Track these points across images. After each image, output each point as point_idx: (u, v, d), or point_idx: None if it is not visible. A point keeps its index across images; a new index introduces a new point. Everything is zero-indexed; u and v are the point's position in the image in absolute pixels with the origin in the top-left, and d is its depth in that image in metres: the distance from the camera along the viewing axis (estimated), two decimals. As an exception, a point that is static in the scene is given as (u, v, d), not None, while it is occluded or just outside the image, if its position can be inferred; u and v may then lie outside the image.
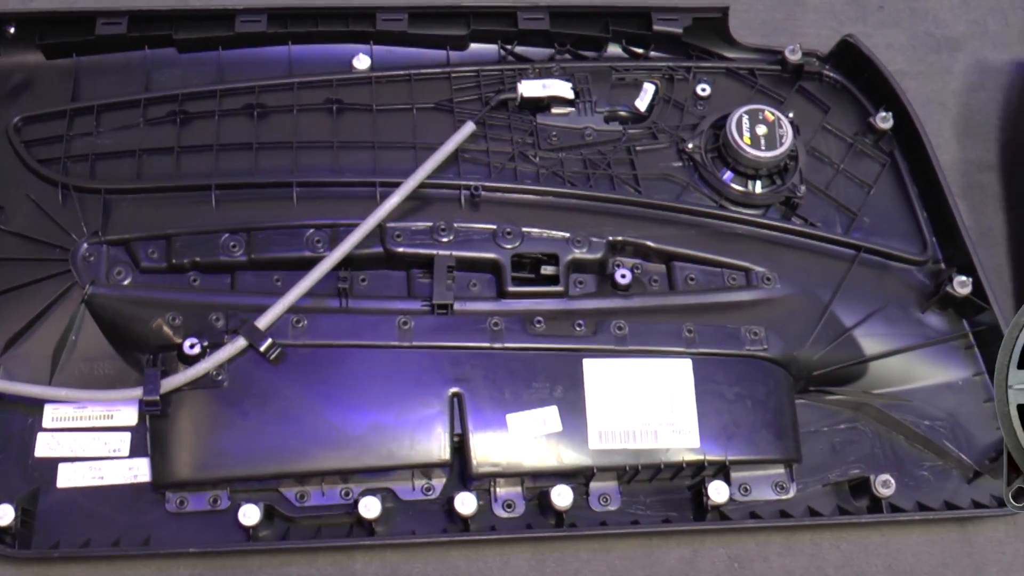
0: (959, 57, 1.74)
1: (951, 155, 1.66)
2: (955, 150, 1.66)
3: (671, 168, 1.51)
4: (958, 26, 1.77)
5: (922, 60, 1.73)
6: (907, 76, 1.72)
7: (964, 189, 1.64)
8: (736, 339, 1.41)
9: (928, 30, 1.76)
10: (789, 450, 1.39)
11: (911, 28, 1.76)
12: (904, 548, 1.40)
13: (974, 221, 1.61)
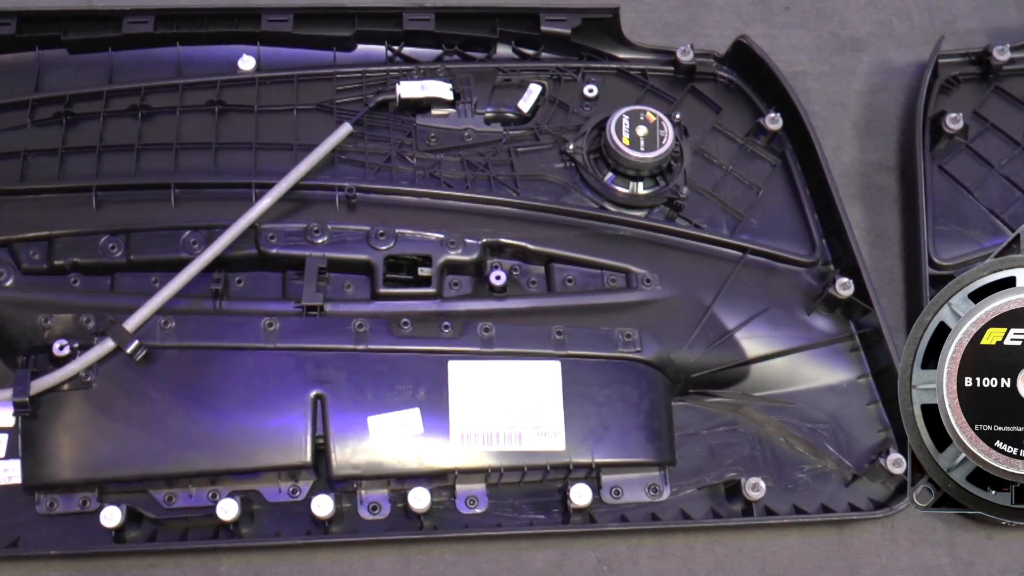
0: (863, 58, 1.74)
1: (851, 156, 1.66)
2: (855, 151, 1.66)
3: (552, 169, 1.51)
4: (864, 27, 1.77)
5: (826, 61, 1.73)
6: (810, 77, 1.72)
7: (862, 190, 1.63)
8: (608, 341, 1.41)
9: (833, 31, 1.76)
10: (662, 453, 1.39)
11: (817, 29, 1.76)
12: (779, 551, 1.40)
13: (870, 223, 1.60)
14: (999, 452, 1.02)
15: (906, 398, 1.01)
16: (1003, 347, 1.02)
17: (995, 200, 1.57)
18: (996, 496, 1.03)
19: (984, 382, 1.02)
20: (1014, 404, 1.01)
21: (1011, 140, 1.61)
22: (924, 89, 1.60)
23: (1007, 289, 1.04)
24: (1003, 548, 1.42)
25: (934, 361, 1.03)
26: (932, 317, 1.04)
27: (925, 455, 1.03)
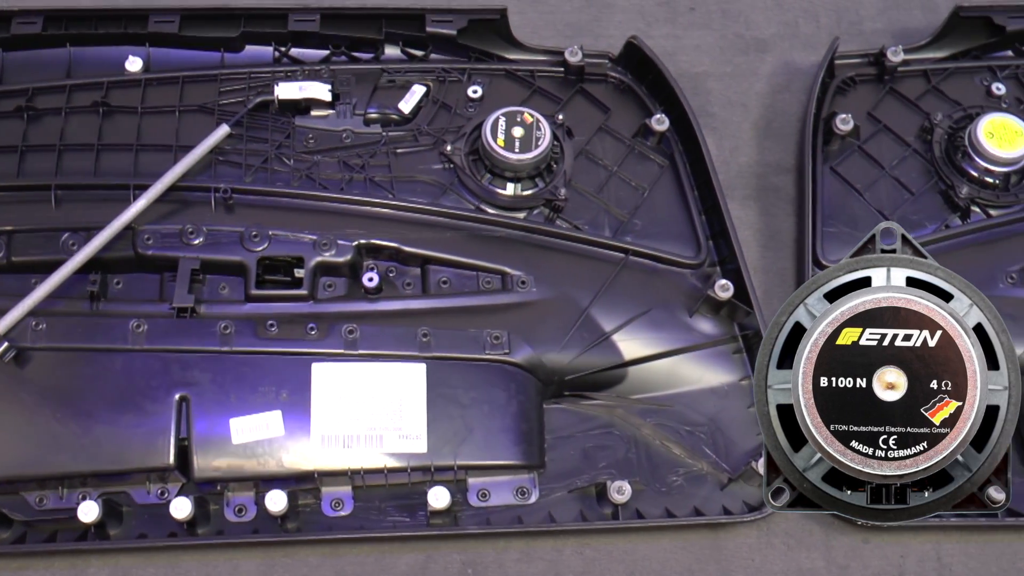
0: (767, 59, 1.74)
1: (748, 157, 1.66)
2: (753, 152, 1.67)
3: (430, 171, 1.53)
4: (769, 28, 1.77)
5: (729, 62, 1.74)
6: (711, 77, 1.73)
7: (758, 191, 1.64)
8: (476, 343, 1.42)
9: (738, 32, 1.77)
10: (530, 455, 1.40)
11: (721, 30, 1.77)
12: (650, 555, 1.40)
13: (764, 224, 1.61)
14: (854, 452, 1.02)
15: (761, 398, 1.02)
16: (858, 347, 1.03)
17: (885, 201, 1.57)
18: (851, 496, 1.04)
19: (840, 382, 1.03)
20: (869, 404, 1.02)
21: (903, 141, 1.61)
22: (816, 90, 1.60)
23: (863, 289, 1.04)
24: (878, 551, 1.43)
25: (790, 361, 1.03)
26: (787, 317, 1.05)
27: (780, 455, 1.03)
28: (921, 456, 1.04)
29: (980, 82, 1.67)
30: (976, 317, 1.06)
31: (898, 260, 1.06)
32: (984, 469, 1.06)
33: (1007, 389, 1.05)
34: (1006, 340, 1.05)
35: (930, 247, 1.50)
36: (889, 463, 1.03)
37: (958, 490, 1.06)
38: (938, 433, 1.03)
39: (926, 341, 1.04)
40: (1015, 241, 1.55)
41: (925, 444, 1.04)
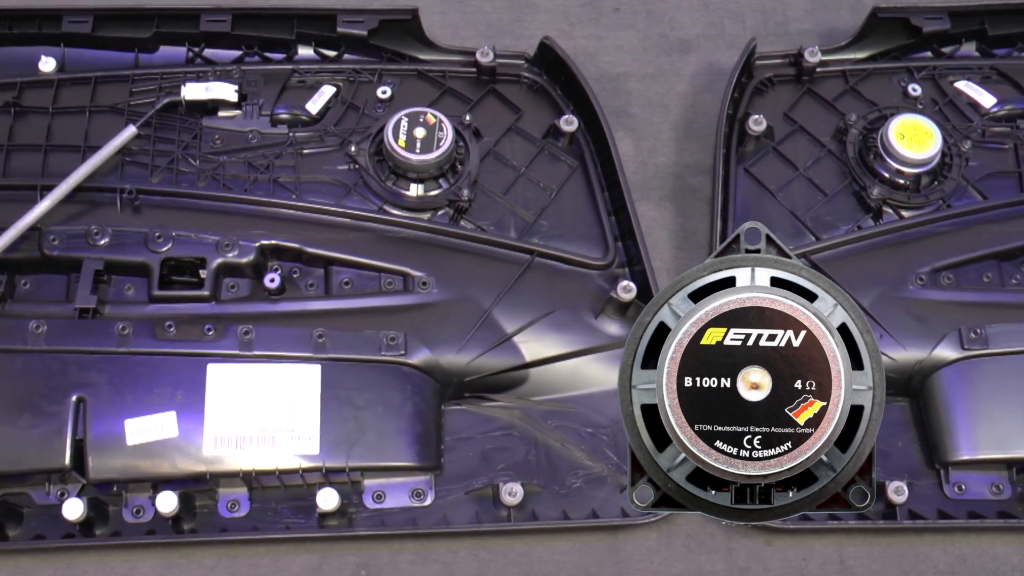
0: (690, 59, 1.75)
1: (667, 158, 1.67)
2: (671, 153, 1.68)
3: (336, 172, 1.54)
4: (694, 28, 1.78)
5: (651, 62, 1.75)
6: (632, 78, 1.74)
7: (675, 192, 1.65)
8: (372, 344, 1.43)
9: (662, 32, 1.78)
10: (425, 457, 1.42)
11: (645, 30, 1.78)
12: (546, 557, 1.41)
13: (680, 224, 1.62)
14: (719, 452, 1.03)
15: (626, 398, 1.02)
16: (723, 347, 1.03)
17: (798, 202, 1.58)
18: (716, 496, 1.04)
19: (704, 382, 1.03)
20: (734, 404, 1.02)
21: (818, 142, 1.61)
22: (729, 91, 1.61)
23: (727, 289, 1.05)
24: (780, 553, 1.43)
25: (654, 361, 1.03)
26: (652, 317, 1.05)
27: (645, 455, 1.04)
28: (785, 456, 1.04)
29: (898, 83, 1.67)
30: (841, 317, 1.06)
31: (762, 260, 1.07)
32: (848, 469, 1.06)
33: (871, 389, 1.05)
34: (870, 340, 1.06)
35: (842, 248, 1.52)
36: (753, 463, 1.04)
37: (823, 490, 1.06)
38: (802, 433, 1.04)
39: (790, 341, 1.05)
40: (926, 243, 1.56)
41: (789, 444, 1.04)
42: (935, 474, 1.48)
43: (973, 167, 1.60)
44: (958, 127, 1.62)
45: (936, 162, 1.56)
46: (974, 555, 1.45)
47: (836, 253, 1.55)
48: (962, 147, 1.60)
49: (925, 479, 1.49)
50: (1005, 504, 1.47)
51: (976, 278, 1.56)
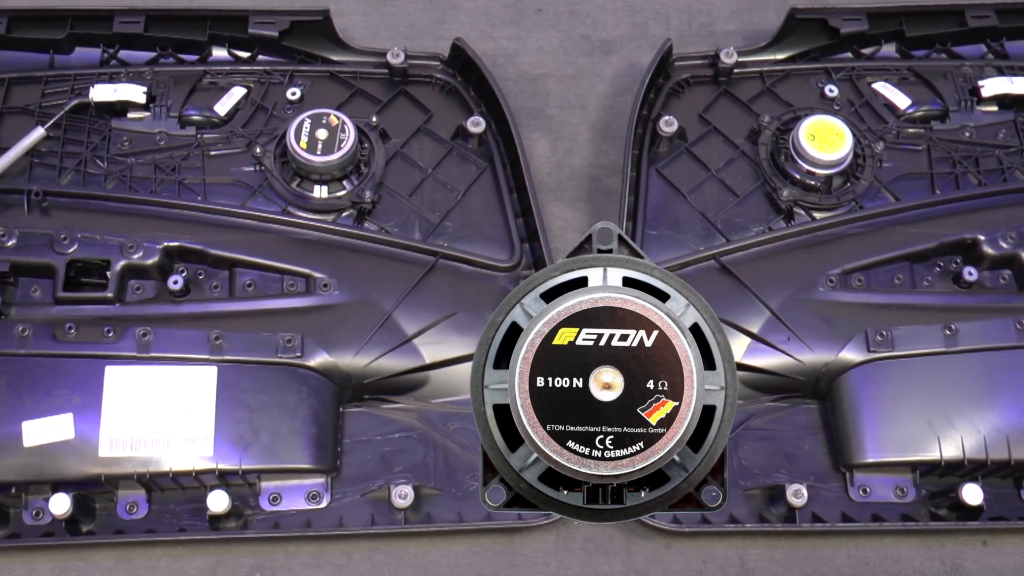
0: (611, 60, 1.75)
1: (583, 159, 1.68)
2: (588, 154, 1.68)
3: (242, 173, 1.55)
4: (618, 29, 1.78)
5: (572, 63, 1.75)
6: (552, 79, 1.74)
7: (590, 193, 1.65)
8: (268, 346, 1.44)
9: (585, 33, 1.78)
10: (321, 459, 1.42)
11: (568, 31, 1.78)
12: (442, 560, 1.42)
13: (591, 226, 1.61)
14: (571, 452, 1.03)
15: (478, 398, 1.02)
16: (575, 347, 1.04)
17: (710, 203, 1.58)
18: (568, 496, 1.05)
19: (556, 382, 1.04)
20: (585, 404, 1.02)
21: (731, 143, 1.61)
22: (641, 92, 1.61)
23: (579, 289, 1.05)
24: (680, 556, 1.44)
25: (507, 361, 1.04)
26: (504, 317, 1.06)
27: (497, 455, 1.04)
28: (637, 456, 1.04)
29: (816, 84, 1.67)
30: (693, 317, 1.06)
31: (614, 260, 1.07)
32: (701, 469, 1.06)
33: (723, 389, 1.05)
34: (722, 340, 1.06)
35: (752, 250, 1.52)
36: (605, 463, 1.04)
37: (675, 490, 1.07)
38: (654, 433, 1.04)
39: (642, 341, 1.05)
40: (838, 244, 1.56)
41: (641, 444, 1.04)
42: (841, 477, 1.48)
43: (887, 168, 1.60)
44: (873, 128, 1.62)
45: (847, 163, 1.56)
46: (877, 558, 1.45)
47: (746, 255, 1.55)
48: (875, 148, 1.60)
49: (831, 482, 1.48)
50: (909, 507, 1.47)
51: (888, 280, 1.56)
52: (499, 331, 1.05)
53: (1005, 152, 1.63)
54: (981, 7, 1.71)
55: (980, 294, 1.55)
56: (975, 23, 1.71)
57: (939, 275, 1.57)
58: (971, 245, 1.57)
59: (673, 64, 1.69)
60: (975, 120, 1.65)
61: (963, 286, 1.56)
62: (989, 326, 1.51)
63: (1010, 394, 1.47)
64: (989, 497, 1.49)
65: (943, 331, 1.50)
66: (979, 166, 1.61)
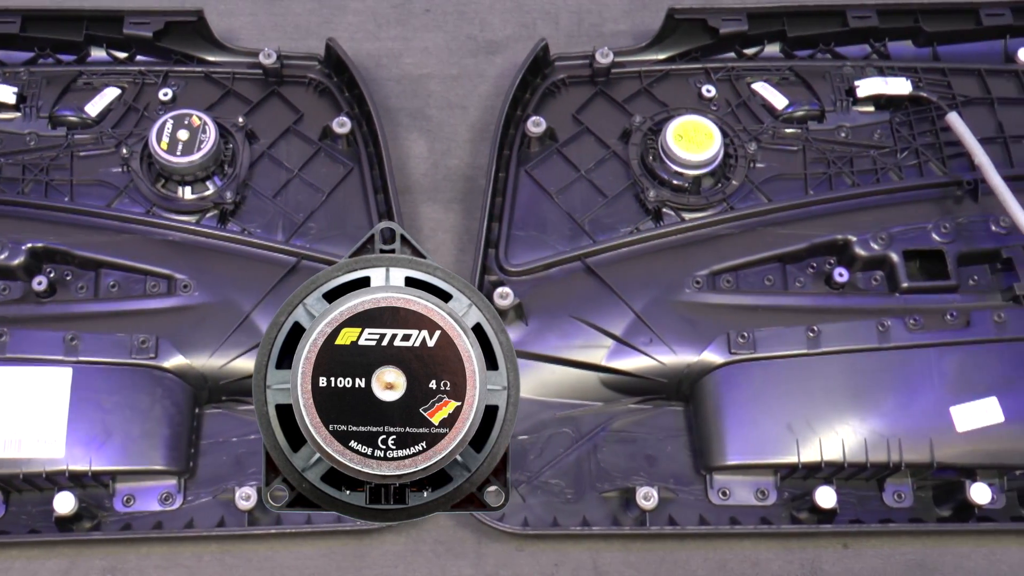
0: (496, 61, 1.75)
1: (460, 160, 1.67)
2: (465, 155, 1.68)
3: (110, 174, 1.55)
4: (505, 30, 1.78)
5: (456, 64, 1.75)
6: (434, 79, 1.74)
7: (465, 194, 1.65)
8: (122, 347, 1.44)
9: (471, 34, 1.78)
10: (174, 460, 1.43)
11: (454, 32, 1.78)
12: (290, 562, 1.43)
13: (466, 227, 1.62)
14: (353, 452, 1.03)
15: (260, 398, 1.03)
16: (358, 347, 1.04)
17: (579, 204, 1.58)
18: (351, 496, 1.05)
19: (339, 382, 1.04)
20: (368, 404, 1.02)
21: (603, 144, 1.61)
22: (511, 92, 1.61)
23: (362, 289, 1.05)
24: (532, 559, 1.43)
25: (290, 361, 1.04)
26: (286, 317, 1.06)
27: (280, 455, 1.04)
28: (420, 456, 1.05)
29: (694, 84, 1.66)
30: (475, 317, 1.06)
31: (397, 260, 1.07)
32: (483, 469, 1.07)
33: (506, 389, 1.06)
34: (505, 340, 1.06)
35: (621, 251, 1.51)
36: (388, 463, 1.04)
37: (457, 490, 1.07)
38: (437, 433, 1.04)
39: (425, 341, 1.05)
40: (707, 245, 1.55)
41: (424, 444, 1.05)
42: (702, 480, 1.47)
43: (760, 169, 1.59)
44: (748, 129, 1.61)
45: (717, 164, 1.55)
46: (735, 560, 1.45)
47: (613, 256, 1.55)
48: (748, 149, 1.59)
49: (692, 485, 1.48)
50: (769, 510, 1.46)
51: (758, 281, 1.55)
52: (281, 331, 1.06)
53: (880, 153, 1.61)
54: (862, 8, 1.70)
55: (851, 295, 1.54)
56: (856, 23, 1.70)
57: (812, 276, 1.56)
58: (843, 246, 1.56)
59: (554, 64, 1.68)
60: (851, 120, 1.64)
61: (834, 287, 1.55)
62: (852, 328, 1.50)
63: (870, 396, 1.46)
64: (852, 500, 1.48)
65: (806, 333, 1.49)
66: (853, 167, 1.60)
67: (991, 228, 1.57)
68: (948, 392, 1.47)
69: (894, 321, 1.49)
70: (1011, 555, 1.47)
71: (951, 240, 1.55)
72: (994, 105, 1.65)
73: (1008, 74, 1.70)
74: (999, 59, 1.74)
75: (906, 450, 1.45)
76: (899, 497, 1.48)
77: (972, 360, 1.49)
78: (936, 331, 1.50)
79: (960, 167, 1.59)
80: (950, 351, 1.50)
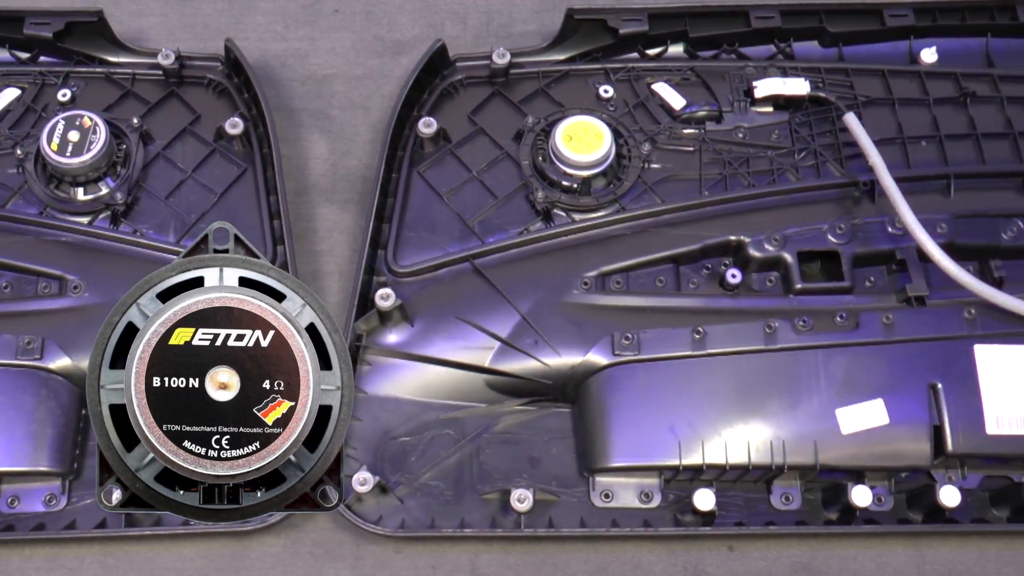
0: (402, 61, 1.75)
1: (359, 160, 1.67)
2: (364, 155, 1.68)
3: (6, 175, 1.56)
4: (413, 30, 1.78)
5: (362, 64, 1.75)
6: (339, 80, 1.74)
7: (362, 195, 1.65)
8: (8, 349, 1.45)
9: (379, 34, 1.78)
10: (59, 462, 1.43)
11: (362, 32, 1.78)
12: (170, 564, 1.43)
13: (361, 227, 1.62)
14: (187, 452, 1.04)
15: (94, 398, 1.03)
16: (191, 347, 1.04)
17: (470, 205, 1.57)
18: (184, 496, 1.06)
19: (173, 382, 1.04)
20: (202, 404, 1.03)
21: (497, 145, 1.61)
22: (404, 92, 1.61)
23: (196, 289, 1.06)
24: (409, 561, 1.44)
25: (124, 361, 1.05)
26: (120, 317, 1.07)
27: (113, 455, 1.05)
28: (254, 456, 1.05)
29: (593, 85, 1.66)
30: (309, 317, 1.07)
31: (230, 260, 1.08)
32: (317, 469, 1.07)
33: (339, 389, 1.06)
34: (338, 340, 1.06)
35: (510, 252, 1.51)
36: (222, 463, 1.05)
37: (291, 490, 1.07)
38: (271, 433, 1.05)
39: (259, 341, 1.06)
40: (597, 246, 1.54)
41: (258, 444, 1.05)
42: (585, 482, 1.47)
43: (655, 170, 1.59)
44: (644, 129, 1.61)
45: (607, 165, 1.54)
46: (616, 563, 1.45)
47: (502, 257, 1.55)
48: (642, 149, 1.58)
49: (575, 487, 1.47)
50: (654, 512, 1.46)
51: (650, 282, 1.55)
52: (115, 331, 1.06)
53: (777, 153, 1.60)
54: (766, 8, 1.69)
55: (743, 297, 1.53)
56: (759, 24, 1.69)
57: (706, 278, 1.56)
58: (736, 247, 1.55)
59: (455, 65, 1.68)
60: (750, 121, 1.63)
61: (727, 289, 1.54)
62: (737, 329, 1.49)
63: (756, 398, 1.46)
64: (739, 502, 1.48)
65: (692, 334, 1.48)
66: (750, 167, 1.59)
67: (887, 229, 1.55)
68: (835, 394, 1.46)
69: (781, 323, 1.48)
70: (897, 557, 1.46)
71: (846, 241, 1.54)
72: (895, 106, 1.63)
73: (911, 75, 1.68)
74: (905, 60, 1.72)
75: (790, 452, 1.44)
76: (787, 499, 1.47)
77: (859, 362, 1.48)
78: (825, 333, 1.49)
79: (858, 168, 1.58)
80: (838, 353, 1.48)
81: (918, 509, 1.47)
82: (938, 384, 1.46)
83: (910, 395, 1.46)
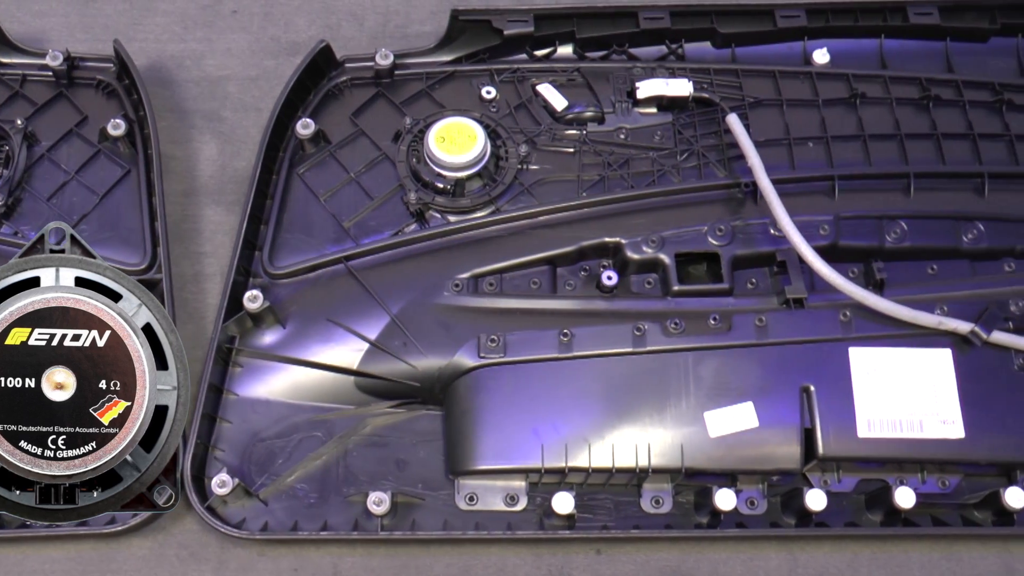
0: (296, 62, 1.74)
1: (248, 162, 1.67)
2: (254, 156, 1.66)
3: (-91, 182, 1.56)
4: (310, 31, 1.77)
5: (256, 65, 1.75)
6: (232, 81, 1.74)
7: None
8: None
9: (275, 35, 1.77)
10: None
11: (259, 33, 1.77)
12: (37, 567, 1.42)
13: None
14: (23, 452, 1.05)
15: None
16: (28, 347, 1.05)
17: (346, 207, 1.57)
18: (20, 496, 1.06)
19: (8, 382, 1.05)
20: (39, 404, 1.04)
21: (376, 146, 1.60)
22: (284, 93, 1.60)
23: (32, 289, 1.06)
24: (272, 564, 1.43)
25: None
26: (-48, 320, 1.07)
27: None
28: (90, 456, 1.06)
29: (477, 86, 1.65)
30: (145, 317, 1.07)
31: (67, 260, 1.08)
32: (153, 469, 1.07)
33: (176, 389, 1.06)
34: (175, 340, 1.06)
35: (385, 254, 1.51)
36: (58, 463, 1.05)
37: (127, 490, 1.08)
38: (107, 433, 1.05)
39: (95, 341, 1.06)
40: (472, 248, 1.53)
41: (94, 444, 1.06)
42: (451, 485, 1.47)
43: (533, 171, 1.58)
44: (524, 130, 1.60)
45: (481, 166, 1.54)
46: (479, 566, 1.44)
47: (377, 259, 1.54)
48: (520, 151, 1.57)
49: (441, 490, 1.47)
50: (519, 515, 1.45)
51: (524, 284, 1.54)
52: None
53: (659, 154, 1.59)
54: (655, 9, 1.67)
55: (619, 299, 1.52)
56: (648, 25, 1.67)
57: (584, 280, 1.54)
58: (613, 249, 1.54)
59: (344, 66, 1.67)
60: (632, 122, 1.61)
61: (604, 291, 1.53)
62: (605, 331, 1.48)
63: (623, 401, 1.44)
64: (609, 504, 1.46)
65: (559, 336, 1.47)
66: (630, 168, 1.58)
67: (769, 231, 1.53)
68: (704, 397, 1.44)
69: (651, 325, 1.47)
70: (769, 561, 1.44)
71: (727, 243, 1.53)
72: (783, 107, 1.61)
73: (803, 76, 1.66)
74: (800, 61, 1.70)
75: (655, 456, 1.42)
76: (657, 503, 1.45)
77: (731, 365, 1.46)
78: (696, 335, 1.48)
79: (742, 170, 1.56)
80: (709, 355, 1.47)
81: (791, 513, 1.44)
82: (811, 387, 1.44)
83: (782, 398, 1.44)
